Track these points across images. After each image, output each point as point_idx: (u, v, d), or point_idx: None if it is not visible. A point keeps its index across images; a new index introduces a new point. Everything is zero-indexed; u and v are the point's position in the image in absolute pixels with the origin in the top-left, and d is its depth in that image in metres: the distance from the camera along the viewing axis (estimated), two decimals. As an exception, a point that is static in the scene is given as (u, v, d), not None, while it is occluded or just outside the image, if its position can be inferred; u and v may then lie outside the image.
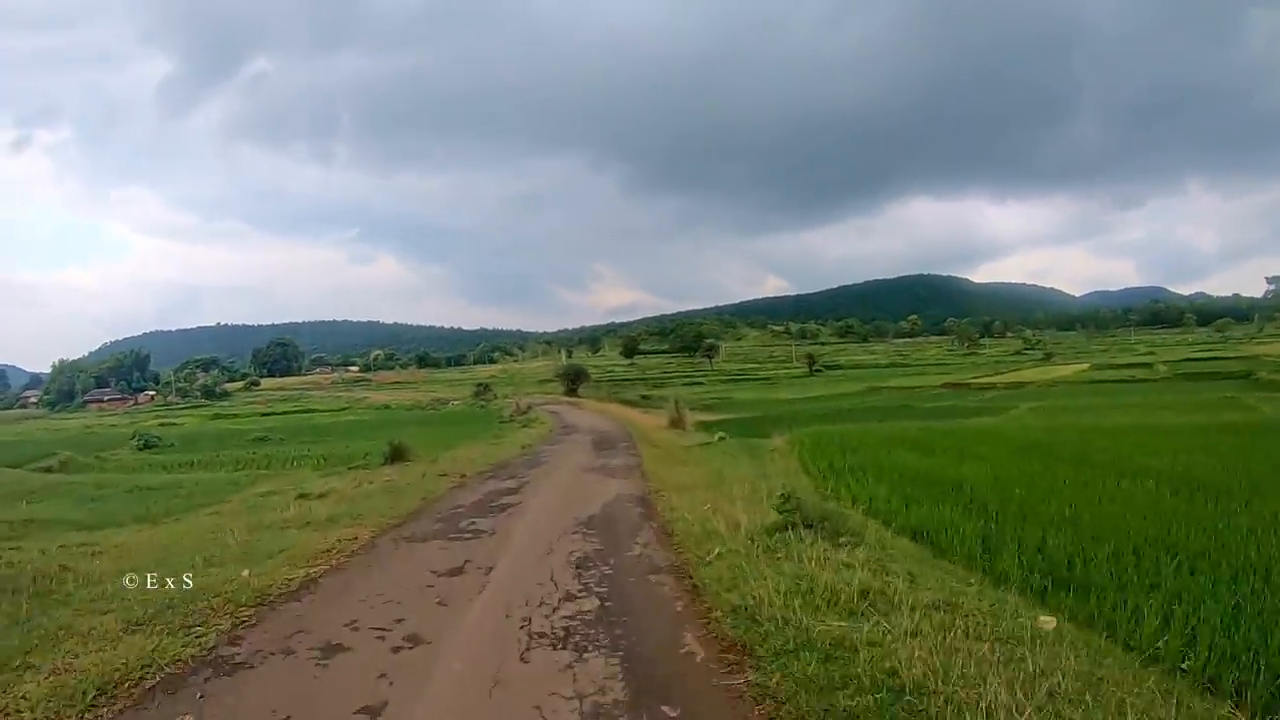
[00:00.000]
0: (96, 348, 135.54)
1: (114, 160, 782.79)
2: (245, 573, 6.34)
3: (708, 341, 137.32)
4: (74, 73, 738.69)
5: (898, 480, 12.48)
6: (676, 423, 30.19)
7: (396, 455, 19.11)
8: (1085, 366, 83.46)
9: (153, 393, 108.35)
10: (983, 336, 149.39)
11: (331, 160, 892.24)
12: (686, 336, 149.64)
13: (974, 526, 8.69)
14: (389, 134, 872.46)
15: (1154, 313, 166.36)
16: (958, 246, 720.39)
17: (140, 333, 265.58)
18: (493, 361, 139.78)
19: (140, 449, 37.33)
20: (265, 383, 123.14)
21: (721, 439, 23.02)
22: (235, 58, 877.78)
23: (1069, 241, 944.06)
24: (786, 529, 7.01)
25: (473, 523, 9.19)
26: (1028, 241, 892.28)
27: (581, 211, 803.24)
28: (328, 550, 7.57)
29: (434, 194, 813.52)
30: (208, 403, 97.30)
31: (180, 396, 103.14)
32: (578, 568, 6.72)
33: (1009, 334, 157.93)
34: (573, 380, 69.95)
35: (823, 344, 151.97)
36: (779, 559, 6.27)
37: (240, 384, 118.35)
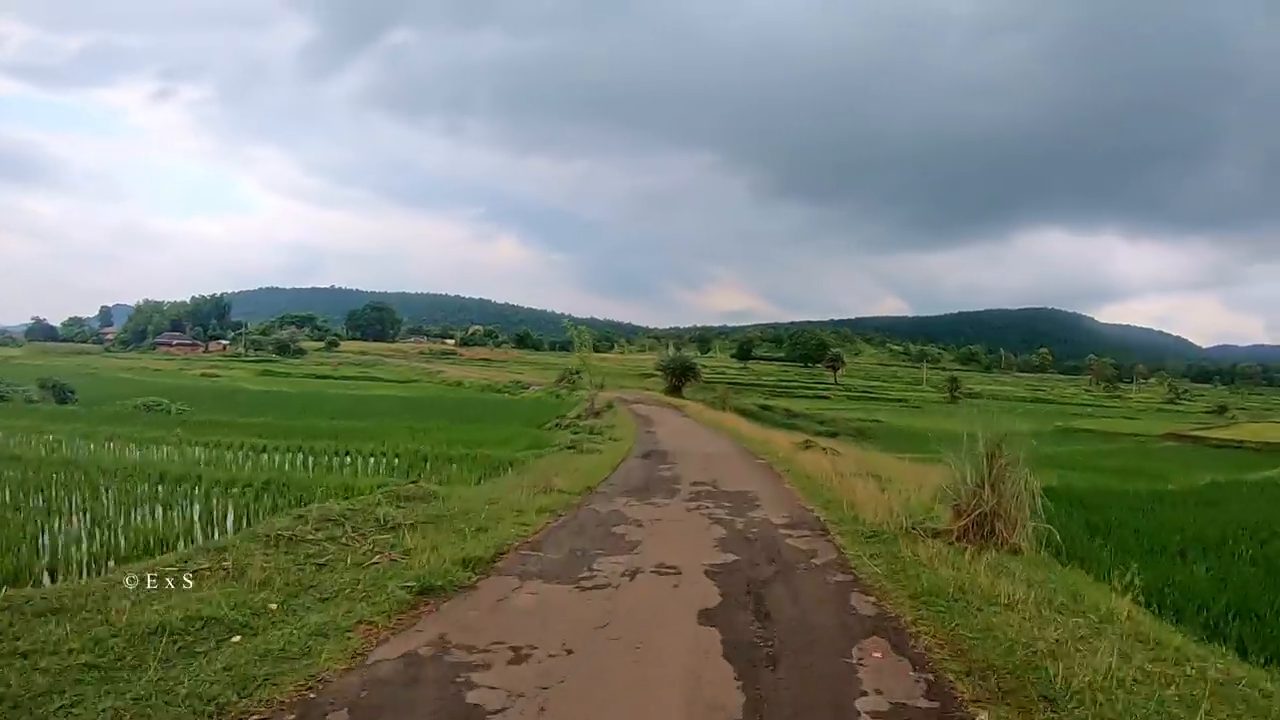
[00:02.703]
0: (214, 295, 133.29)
1: (250, 119, 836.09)
2: None
3: (834, 352, 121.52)
4: (219, 31, 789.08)
5: None
6: (981, 526, 6.81)
7: None
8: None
9: (225, 342, 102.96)
10: (1118, 380, 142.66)
11: (463, 136, 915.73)
12: (807, 345, 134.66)
13: None
14: (523, 116, 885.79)
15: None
16: (1084, 283, 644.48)
17: (257, 287, 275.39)
18: (563, 349, 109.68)
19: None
20: (347, 345, 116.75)
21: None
22: (376, 27, 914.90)
23: (1199, 289, 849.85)
24: None
25: None
26: (1156, 285, 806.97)
27: (707, 212, 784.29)
28: None
29: (563, 181, 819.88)
30: (277, 358, 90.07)
31: (254, 349, 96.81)
32: None
33: (1149, 380, 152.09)
34: (678, 376, 54.74)
35: (944, 369, 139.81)
36: None
37: (320, 344, 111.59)
